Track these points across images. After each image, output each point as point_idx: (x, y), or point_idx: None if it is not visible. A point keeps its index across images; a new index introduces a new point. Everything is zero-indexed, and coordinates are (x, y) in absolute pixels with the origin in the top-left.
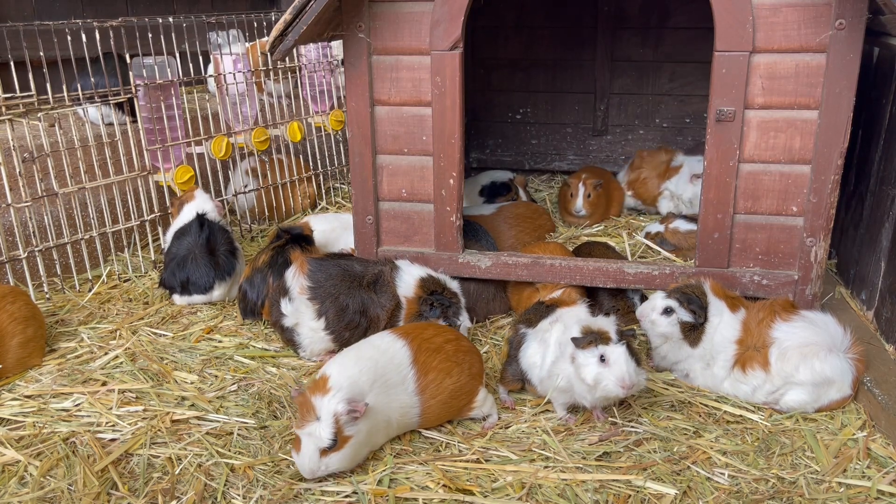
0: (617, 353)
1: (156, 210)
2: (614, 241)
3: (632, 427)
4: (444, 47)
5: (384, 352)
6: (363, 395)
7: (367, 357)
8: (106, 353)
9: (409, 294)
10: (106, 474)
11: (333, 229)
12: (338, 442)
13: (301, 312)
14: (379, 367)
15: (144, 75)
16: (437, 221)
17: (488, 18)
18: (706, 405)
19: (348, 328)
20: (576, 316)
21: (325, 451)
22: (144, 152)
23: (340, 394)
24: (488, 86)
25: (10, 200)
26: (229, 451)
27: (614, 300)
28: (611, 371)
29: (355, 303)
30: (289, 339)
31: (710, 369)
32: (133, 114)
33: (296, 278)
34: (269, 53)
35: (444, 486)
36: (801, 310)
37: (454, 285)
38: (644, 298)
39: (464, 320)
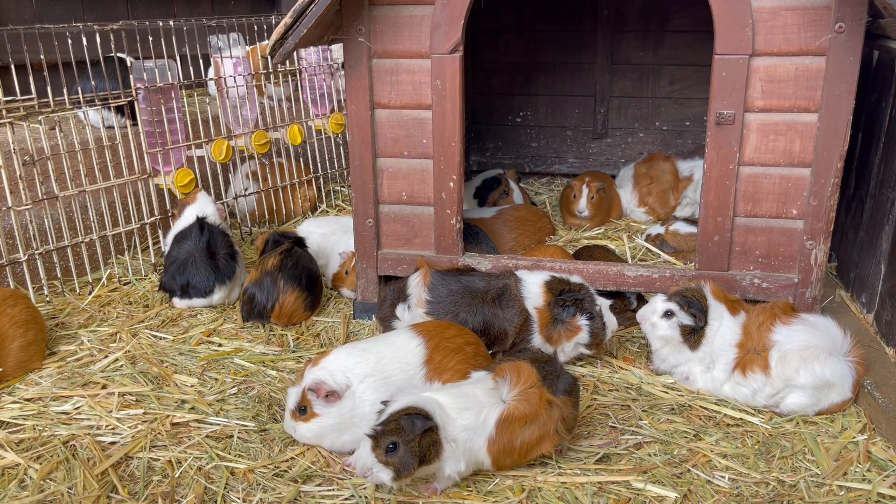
0: None
1: (156, 213)
2: (614, 244)
3: (632, 430)
4: (445, 50)
5: (396, 349)
6: (346, 384)
7: (373, 351)
8: (106, 356)
9: (538, 304)
10: (106, 477)
11: (333, 232)
12: (307, 413)
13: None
14: (381, 363)
15: (145, 78)
16: (437, 224)
17: (488, 21)
18: (706, 408)
19: None
20: None
21: (294, 415)
22: (145, 155)
23: (320, 374)
24: (488, 89)
25: (10, 203)
26: (229, 454)
27: (611, 300)
28: None
29: (476, 319)
30: None
31: (710, 372)
32: (133, 117)
33: (418, 288)
34: (269, 57)
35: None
36: (801, 313)
37: (577, 278)
38: (640, 297)
39: (602, 304)
